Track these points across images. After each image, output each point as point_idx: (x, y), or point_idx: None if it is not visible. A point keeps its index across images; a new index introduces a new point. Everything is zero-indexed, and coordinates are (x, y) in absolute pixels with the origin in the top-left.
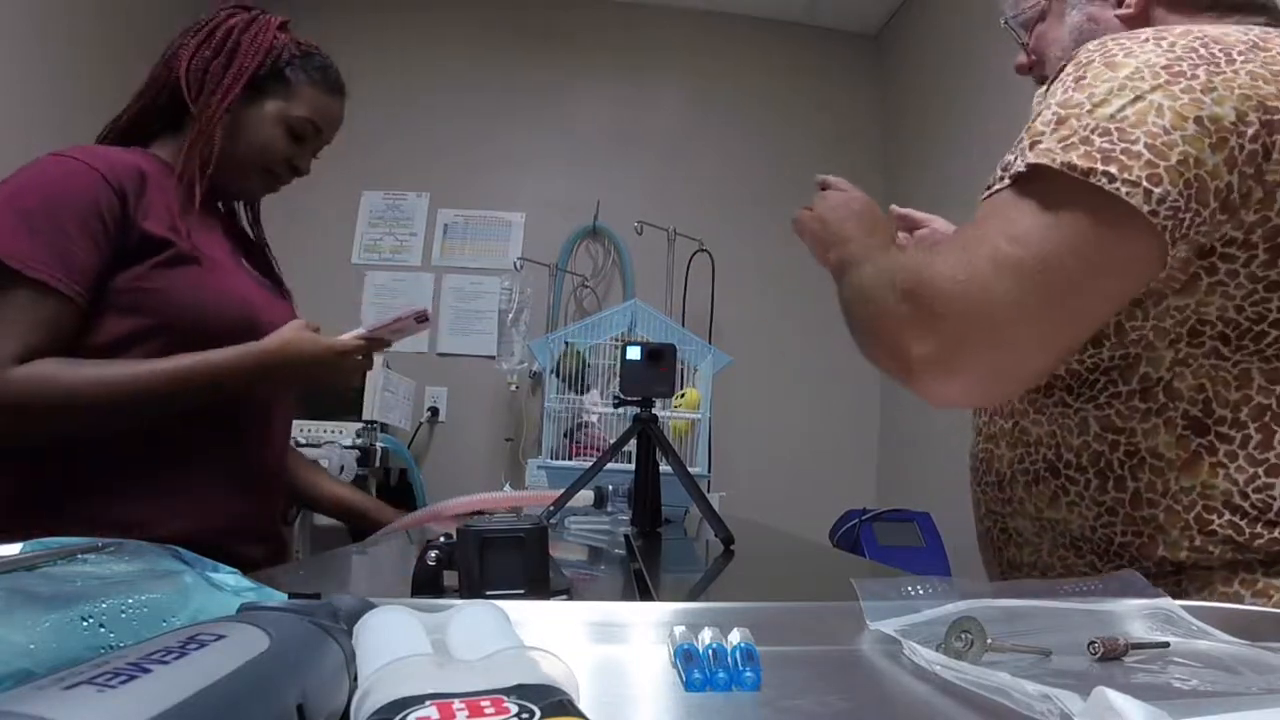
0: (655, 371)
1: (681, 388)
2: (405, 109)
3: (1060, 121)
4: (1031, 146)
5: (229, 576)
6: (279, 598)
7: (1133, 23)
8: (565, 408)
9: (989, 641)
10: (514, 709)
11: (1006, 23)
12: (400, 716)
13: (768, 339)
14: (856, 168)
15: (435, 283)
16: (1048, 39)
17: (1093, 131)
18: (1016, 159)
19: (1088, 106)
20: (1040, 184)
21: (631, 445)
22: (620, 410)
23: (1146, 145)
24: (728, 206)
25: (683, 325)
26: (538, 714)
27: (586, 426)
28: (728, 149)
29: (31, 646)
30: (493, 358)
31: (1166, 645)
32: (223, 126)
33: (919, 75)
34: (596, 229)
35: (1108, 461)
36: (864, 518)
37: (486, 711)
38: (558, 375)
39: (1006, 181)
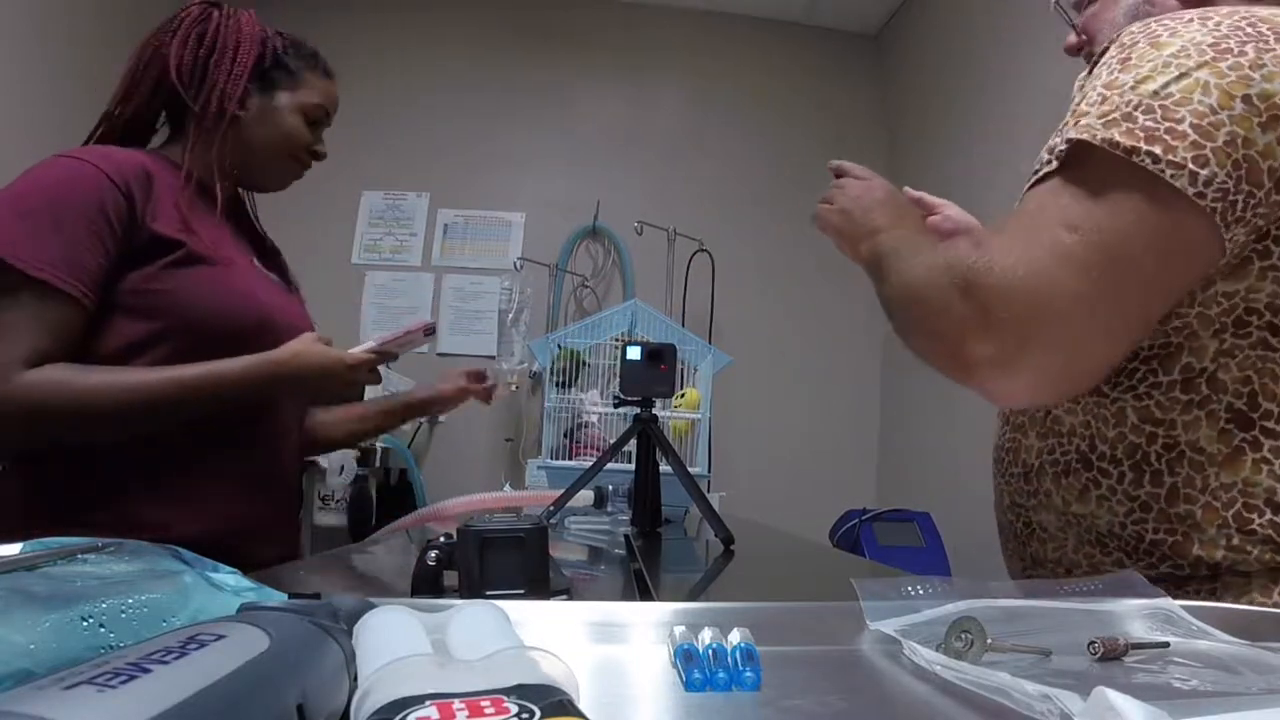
0: (655, 371)
1: (681, 388)
2: (405, 109)
3: (1103, 100)
4: (1075, 124)
5: (229, 576)
6: (279, 598)
7: (1190, 4)
8: (565, 408)
9: (989, 641)
10: (514, 709)
11: (1058, 4)
12: (400, 716)
13: (768, 339)
14: None
15: (435, 283)
16: (1100, 19)
17: (1135, 108)
18: (1060, 140)
19: (1131, 84)
20: (1087, 166)
21: (631, 445)
22: (620, 410)
23: (1192, 125)
24: (728, 207)
25: (683, 325)
26: (538, 714)
27: (586, 426)
28: (728, 149)
29: (31, 646)
30: (493, 358)
31: (1166, 645)
32: (236, 122)
33: (919, 75)
34: (596, 229)
35: (1144, 454)
36: (864, 518)
37: (486, 711)
38: (553, 377)
39: (1053, 165)
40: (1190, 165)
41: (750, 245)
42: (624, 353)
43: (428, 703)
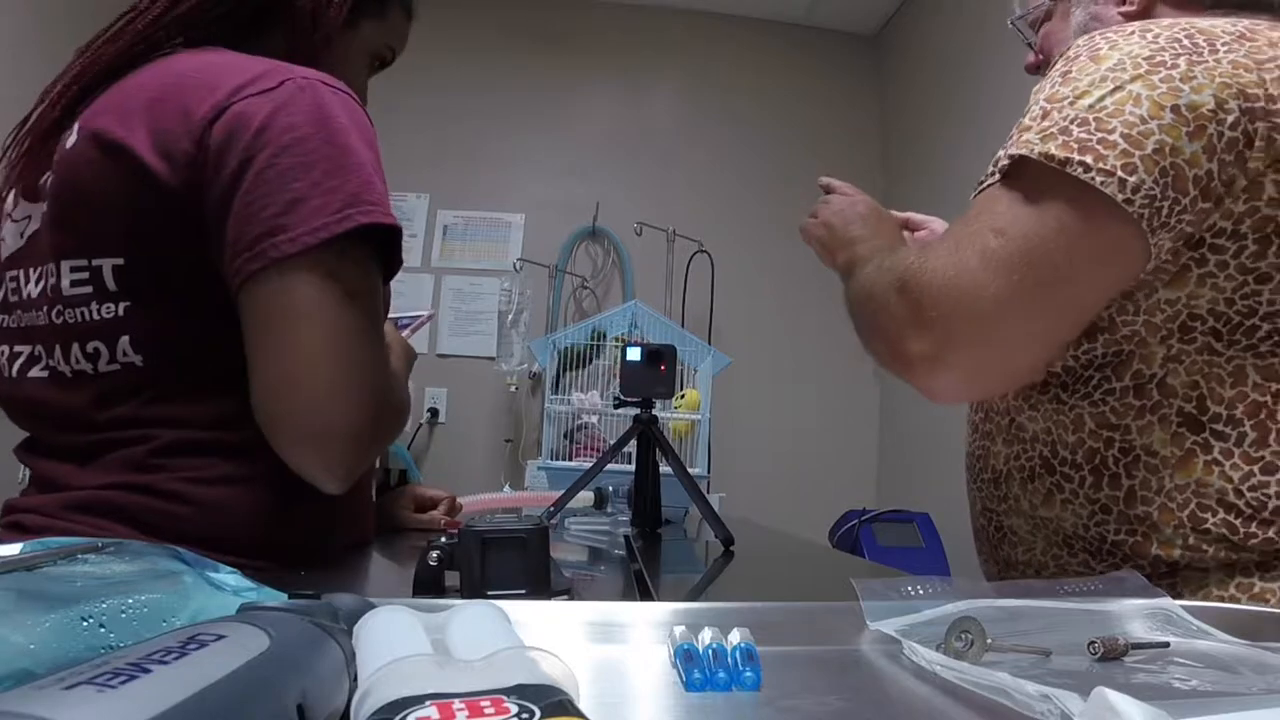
0: (655, 372)
1: (681, 388)
2: (405, 110)
3: (1044, 115)
4: (1018, 139)
5: (229, 576)
6: (279, 598)
7: (1135, 20)
8: (566, 408)
9: (989, 641)
10: (514, 709)
11: (1014, 23)
12: (400, 716)
13: (768, 340)
14: (856, 168)
15: (435, 284)
16: (1054, 38)
17: (1072, 122)
18: (1003, 154)
19: (1070, 99)
20: (1023, 176)
21: (631, 446)
22: (620, 411)
23: (1123, 135)
24: (727, 207)
25: (682, 326)
26: (538, 714)
27: (586, 427)
28: (727, 150)
29: (31, 646)
30: (492, 359)
31: (1166, 645)
32: (330, 47)
33: (918, 75)
34: (596, 230)
35: (1102, 459)
36: (864, 518)
37: (486, 711)
38: (562, 370)
39: (996, 177)
40: (1119, 173)
41: (750, 246)
42: (624, 354)
43: (428, 703)
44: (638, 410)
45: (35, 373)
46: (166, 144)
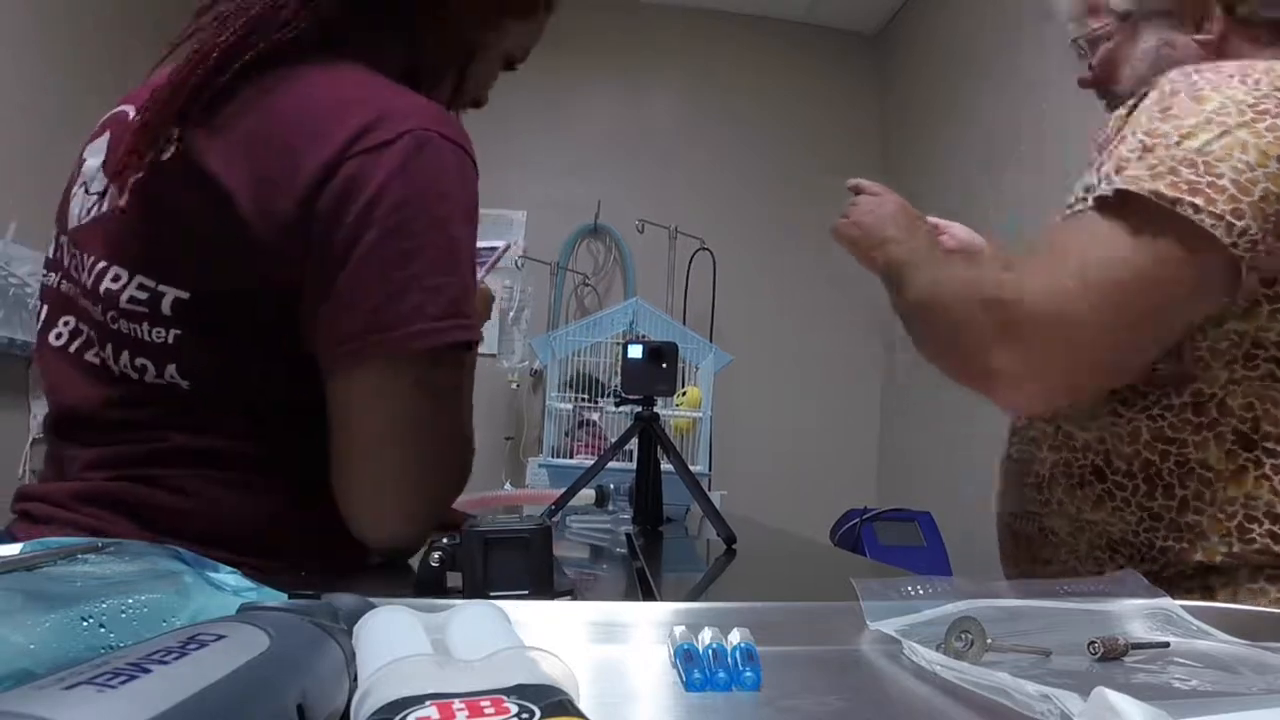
0: (657, 370)
1: (683, 386)
2: None
3: (1147, 150)
4: (1118, 171)
5: (229, 576)
6: (279, 598)
7: (1210, 49)
8: (567, 408)
9: (989, 641)
10: (514, 709)
11: (1075, 41)
12: (400, 716)
13: (769, 337)
14: (856, 168)
15: None
16: (1116, 58)
17: (1180, 163)
18: (1100, 182)
19: (1175, 138)
20: (1127, 209)
21: (633, 444)
22: (622, 409)
23: (1231, 180)
24: (729, 205)
25: (684, 324)
26: (538, 714)
27: (587, 425)
28: (729, 148)
29: (31, 646)
30: (494, 356)
31: (1166, 645)
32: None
33: (919, 75)
34: (598, 227)
35: (1157, 470)
36: (864, 517)
37: (486, 711)
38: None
39: (1090, 203)
40: (1228, 217)
41: (751, 244)
42: (625, 351)
43: (428, 703)
44: (639, 408)
45: (89, 356)
46: (268, 198)
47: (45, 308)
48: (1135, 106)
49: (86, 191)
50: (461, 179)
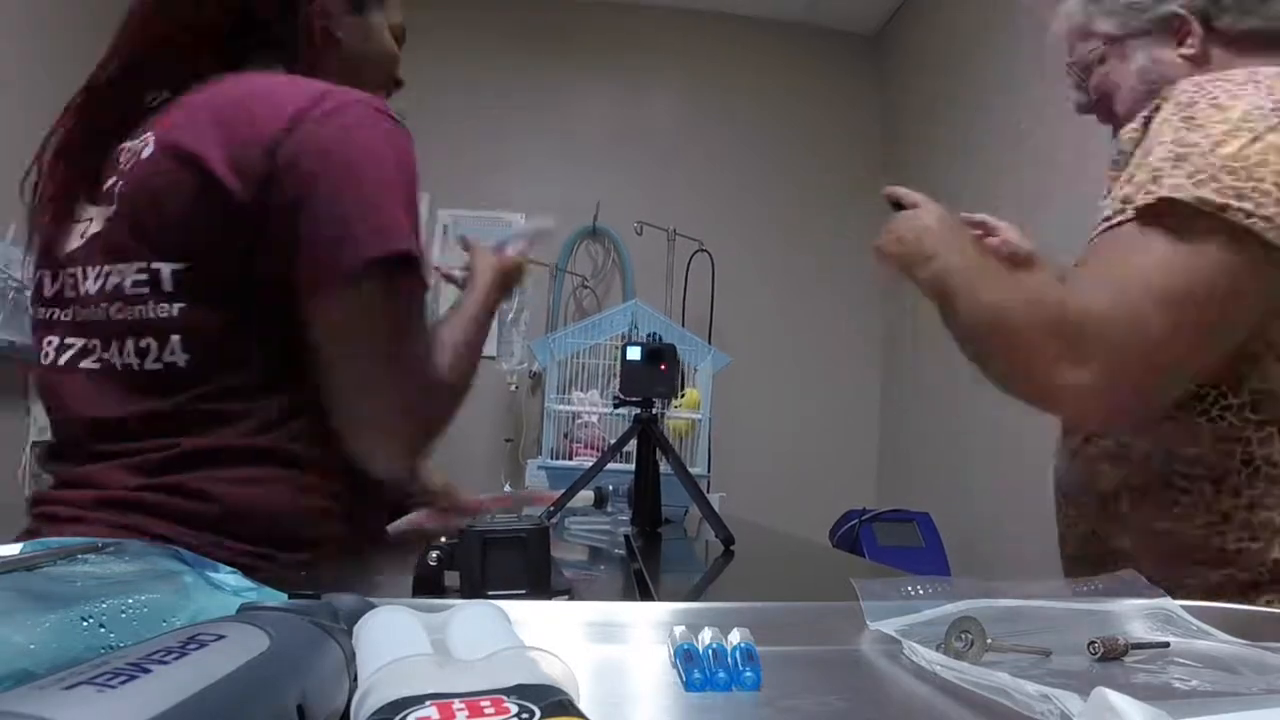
0: (656, 372)
1: (682, 388)
2: (405, 110)
3: (1180, 159)
4: (1154, 180)
5: (229, 576)
6: (279, 598)
7: (1196, 63)
8: (566, 408)
9: (989, 641)
10: (514, 709)
11: (1070, 67)
12: (400, 716)
13: (768, 339)
14: (856, 168)
15: (435, 283)
16: (1111, 80)
17: (1219, 170)
18: (1138, 192)
19: (1207, 146)
20: (1171, 217)
21: (632, 445)
22: (620, 410)
23: (1274, 184)
24: (728, 207)
25: (683, 325)
26: (538, 714)
27: (586, 426)
28: (728, 149)
29: (31, 646)
30: (493, 358)
31: (1166, 645)
32: (336, 47)
33: (919, 75)
34: (596, 229)
35: (1224, 470)
36: (864, 518)
37: (486, 711)
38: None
39: (1129, 214)
40: (1278, 220)
41: (750, 245)
42: (624, 353)
43: (428, 703)
44: (638, 409)
45: (86, 364)
46: (240, 158)
47: (35, 338)
48: (1149, 120)
49: (75, 221)
50: (393, 139)
